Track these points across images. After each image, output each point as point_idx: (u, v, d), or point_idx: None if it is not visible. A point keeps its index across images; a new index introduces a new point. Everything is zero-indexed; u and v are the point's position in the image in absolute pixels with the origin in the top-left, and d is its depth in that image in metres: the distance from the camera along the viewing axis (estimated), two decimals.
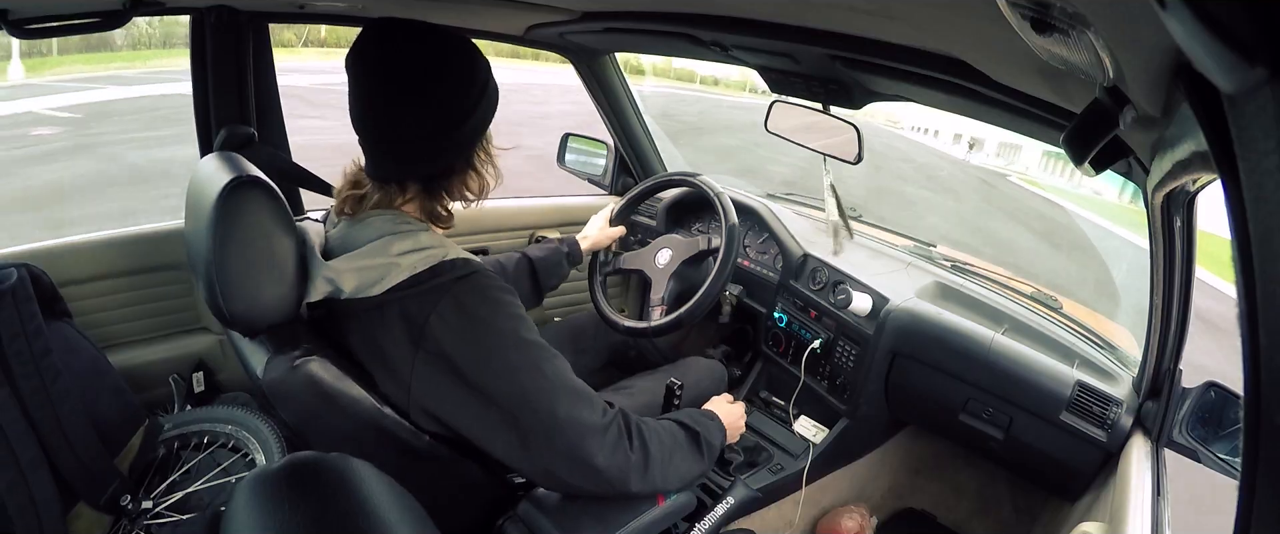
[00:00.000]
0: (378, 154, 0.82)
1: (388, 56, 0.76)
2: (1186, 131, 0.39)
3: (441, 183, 0.85)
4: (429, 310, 0.78)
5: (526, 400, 0.80)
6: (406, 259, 0.79)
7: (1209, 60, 0.19)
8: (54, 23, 0.98)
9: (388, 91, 0.77)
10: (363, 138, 0.81)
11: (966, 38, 0.66)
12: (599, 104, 1.82)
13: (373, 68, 0.77)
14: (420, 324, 0.78)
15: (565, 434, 0.80)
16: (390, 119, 0.78)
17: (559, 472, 0.82)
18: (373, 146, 0.82)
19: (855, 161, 1.37)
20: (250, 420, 1.35)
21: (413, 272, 0.78)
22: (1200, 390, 0.99)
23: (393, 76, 0.76)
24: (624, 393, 1.26)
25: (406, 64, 0.76)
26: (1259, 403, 0.22)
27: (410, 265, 0.79)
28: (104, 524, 1.15)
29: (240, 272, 0.76)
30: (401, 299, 0.79)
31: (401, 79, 0.76)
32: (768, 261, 1.68)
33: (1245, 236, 0.22)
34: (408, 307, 0.79)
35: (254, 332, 0.81)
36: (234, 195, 0.76)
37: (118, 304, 1.35)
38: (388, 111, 0.77)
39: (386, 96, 0.77)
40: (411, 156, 0.81)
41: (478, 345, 0.78)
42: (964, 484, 1.68)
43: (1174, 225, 0.81)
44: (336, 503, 0.51)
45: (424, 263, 0.79)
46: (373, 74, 0.77)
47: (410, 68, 0.76)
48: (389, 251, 0.80)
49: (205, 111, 1.27)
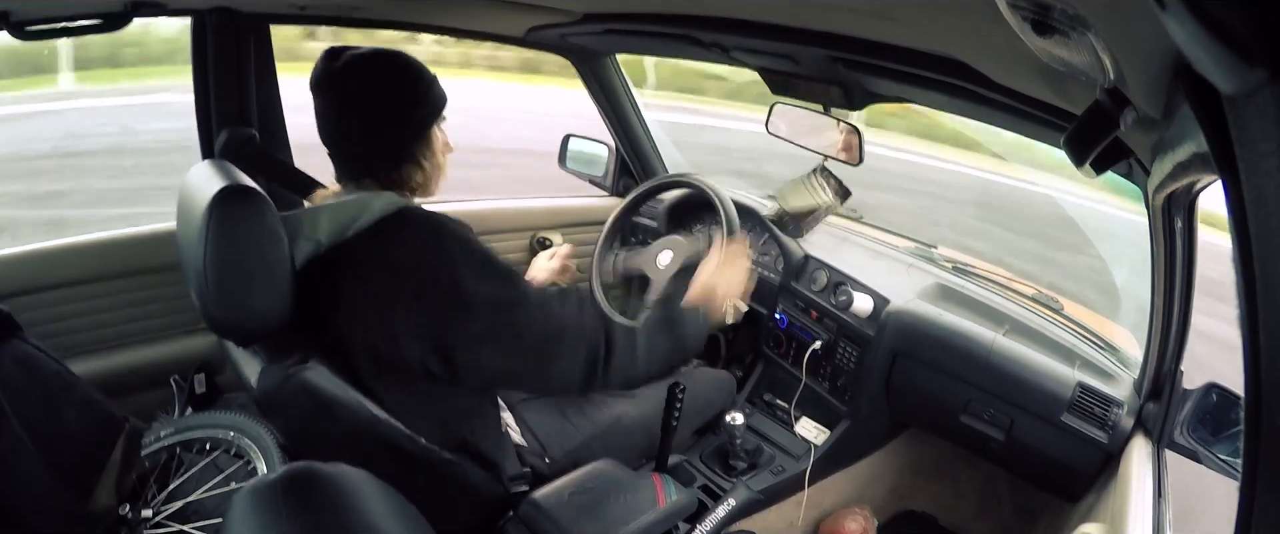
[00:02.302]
0: (340, 160, 0.95)
1: (338, 79, 0.89)
2: (1187, 133, 0.39)
3: (395, 177, 0.95)
4: (396, 252, 0.86)
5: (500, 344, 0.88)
6: (375, 203, 0.88)
7: (1209, 62, 0.19)
8: (55, 24, 0.98)
9: (341, 108, 0.90)
10: (329, 149, 0.94)
11: (967, 39, 0.66)
12: (600, 105, 1.82)
13: (328, 90, 0.90)
14: (393, 266, 0.86)
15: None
16: (344, 131, 0.92)
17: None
18: (337, 155, 0.94)
19: (856, 163, 1.37)
20: (251, 426, 1.34)
21: (383, 214, 0.87)
22: (1201, 392, 0.99)
23: (345, 96, 0.90)
24: (626, 398, 1.27)
25: (354, 85, 0.89)
26: (1259, 404, 0.22)
27: (380, 209, 0.88)
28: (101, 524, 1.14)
29: (231, 281, 0.76)
30: (370, 243, 0.86)
31: (351, 98, 0.90)
32: (769, 263, 1.68)
33: (1246, 237, 0.22)
34: (376, 249, 0.86)
35: (247, 340, 0.81)
36: (224, 205, 0.76)
37: (119, 305, 1.35)
38: (341, 125, 0.91)
39: (339, 112, 0.91)
40: (366, 157, 0.94)
41: (444, 294, 0.85)
42: (965, 485, 1.68)
43: (1175, 226, 0.81)
44: (334, 513, 0.51)
45: (391, 208, 0.88)
46: (328, 95, 0.90)
47: (358, 88, 0.89)
48: (358, 202, 0.89)
49: (206, 113, 1.27)
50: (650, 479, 1.05)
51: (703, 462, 1.46)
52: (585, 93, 1.81)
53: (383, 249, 0.86)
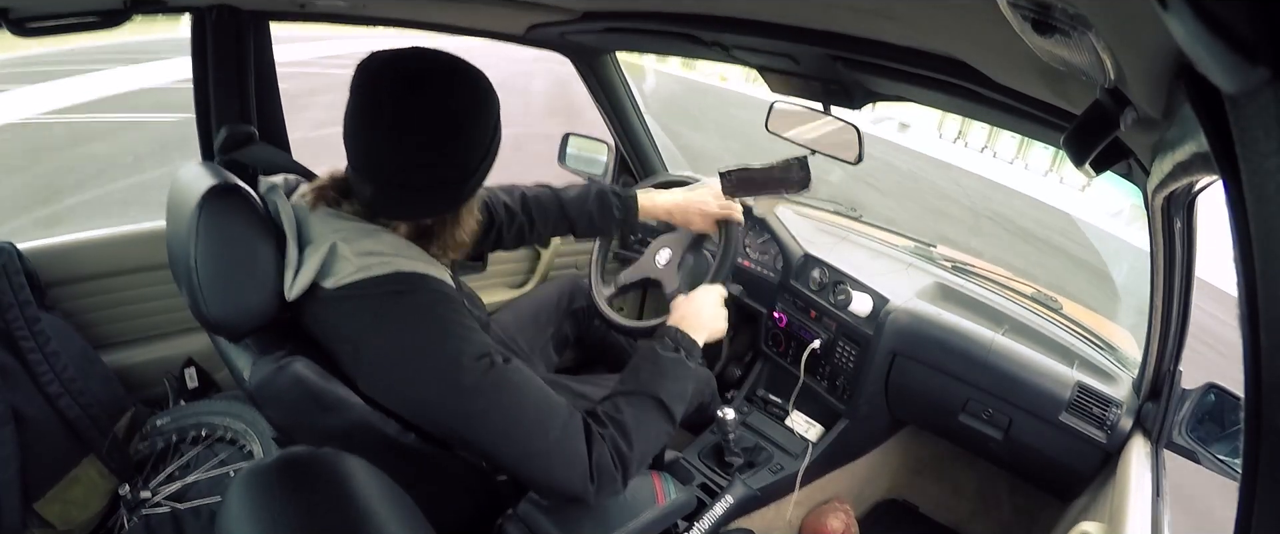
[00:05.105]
0: (379, 194, 0.78)
1: (421, 103, 0.71)
2: (1187, 133, 0.39)
3: (430, 227, 0.84)
4: (370, 321, 0.76)
5: (468, 441, 0.79)
6: (361, 260, 0.76)
7: (1210, 61, 0.19)
8: (54, 21, 0.98)
9: (412, 138, 0.73)
10: (365, 173, 0.77)
11: (967, 38, 0.66)
12: (599, 103, 1.82)
13: (400, 110, 0.72)
14: (359, 333, 0.76)
15: (520, 471, 0.79)
16: (403, 165, 0.75)
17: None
18: (377, 187, 0.77)
19: (856, 162, 1.37)
20: (247, 413, 1.35)
21: (367, 273, 0.75)
22: (1200, 392, 0.99)
23: (423, 125, 0.72)
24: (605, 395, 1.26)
25: (439, 113, 0.72)
26: (1259, 404, 0.22)
27: (363, 266, 0.76)
28: (100, 491, 1.18)
29: (221, 278, 0.76)
30: (353, 298, 0.76)
31: (432, 128, 0.73)
32: (768, 261, 1.68)
33: (1246, 237, 0.22)
34: (354, 310, 0.76)
35: (238, 336, 0.81)
36: (213, 203, 0.76)
37: (112, 303, 1.35)
38: (404, 157, 0.74)
39: (409, 143, 0.73)
40: (411, 201, 0.79)
41: (417, 371, 0.75)
42: (964, 484, 1.68)
43: (1174, 227, 0.81)
44: (329, 497, 0.52)
45: (380, 268, 0.76)
46: (399, 117, 0.72)
47: (441, 117, 0.73)
48: (345, 248, 0.77)
49: (206, 110, 1.26)
50: (649, 477, 1.05)
51: (700, 459, 1.47)
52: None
53: (357, 323, 0.76)
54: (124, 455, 1.23)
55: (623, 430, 0.82)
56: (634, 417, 0.84)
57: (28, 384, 1.09)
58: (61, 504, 1.11)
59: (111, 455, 1.18)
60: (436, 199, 0.81)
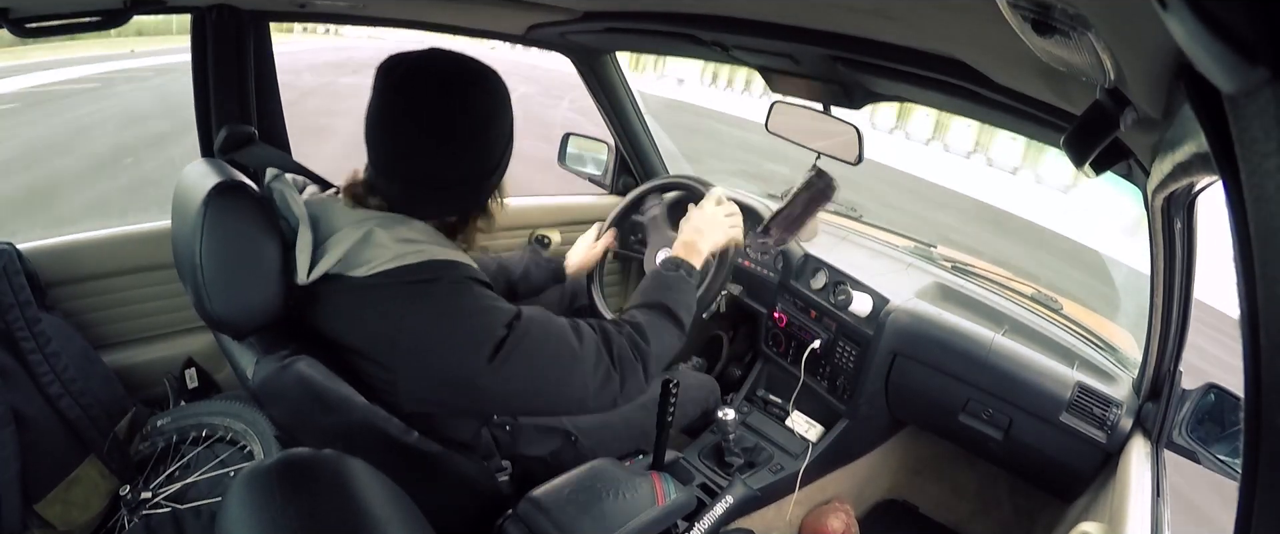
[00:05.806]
0: (406, 192, 0.81)
1: (449, 105, 0.75)
2: (1187, 133, 0.39)
3: (454, 222, 0.87)
4: (407, 308, 0.76)
5: (510, 403, 0.85)
6: (398, 247, 0.77)
7: (1210, 61, 0.19)
8: (54, 21, 0.98)
9: (440, 138, 0.77)
10: (391, 172, 0.80)
11: (967, 39, 0.66)
12: (599, 103, 1.82)
13: (428, 111, 0.75)
14: (396, 320, 0.77)
15: (558, 407, 0.87)
16: (431, 164, 0.79)
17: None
18: (404, 185, 0.80)
19: (856, 162, 1.37)
20: (247, 413, 1.35)
21: (401, 262, 0.76)
22: (1200, 392, 0.99)
23: (450, 125, 0.76)
24: None
25: (465, 114, 0.77)
26: (1259, 404, 0.22)
27: (398, 254, 0.77)
28: (101, 491, 1.17)
29: (226, 276, 0.76)
30: (386, 286, 0.77)
31: (459, 128, 0.77)
32: (768, 261, 1.68)
33: (1246, 237, 0.22)
34: (389, 297, 0.77)
35: (242, 334, 0.81)
36: (218, 201, 0.76)
37: (112, 304, 1.35)
38: (431, 157, 0.78)
39: (437, 143, 0.77)
40: (437, 199, 0.83)
41: (455, 350, 0.77)
42: (964, 485, 1.68)
43: (1174, 227, 0.81)
44: (329, 499, 0.52)
45: (414, 256, 0.77)
46: (426, 118, 0.75)
47: (467, 117, 0.77)
48: (382, 234, 0.78)
49: (206, 110, 1.27)
50: (649, 477, 1.05)
51: (700, 459, 1.47)
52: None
53: (395, 308, 0.77)
54: (124, 456, 1.23)
55: (639, 329, 0.90)
56: (647, 320, 0.92)
57: (28, 385, 1.09)
58: (62, 505, 1.11)
59: (112, 456, 1.18)
60: (464, 196, 0.84)
